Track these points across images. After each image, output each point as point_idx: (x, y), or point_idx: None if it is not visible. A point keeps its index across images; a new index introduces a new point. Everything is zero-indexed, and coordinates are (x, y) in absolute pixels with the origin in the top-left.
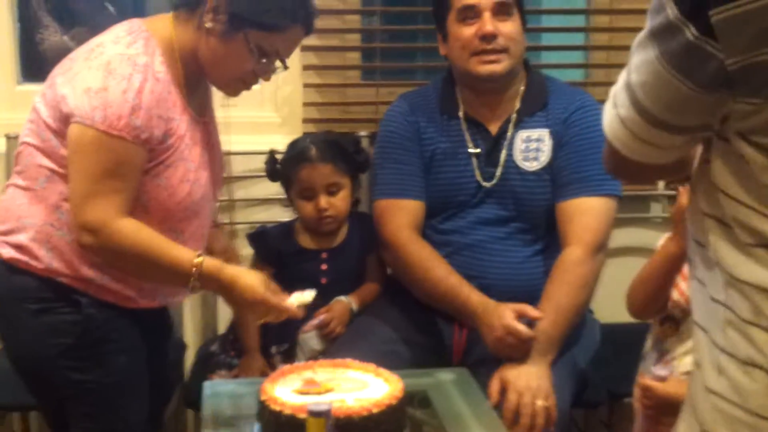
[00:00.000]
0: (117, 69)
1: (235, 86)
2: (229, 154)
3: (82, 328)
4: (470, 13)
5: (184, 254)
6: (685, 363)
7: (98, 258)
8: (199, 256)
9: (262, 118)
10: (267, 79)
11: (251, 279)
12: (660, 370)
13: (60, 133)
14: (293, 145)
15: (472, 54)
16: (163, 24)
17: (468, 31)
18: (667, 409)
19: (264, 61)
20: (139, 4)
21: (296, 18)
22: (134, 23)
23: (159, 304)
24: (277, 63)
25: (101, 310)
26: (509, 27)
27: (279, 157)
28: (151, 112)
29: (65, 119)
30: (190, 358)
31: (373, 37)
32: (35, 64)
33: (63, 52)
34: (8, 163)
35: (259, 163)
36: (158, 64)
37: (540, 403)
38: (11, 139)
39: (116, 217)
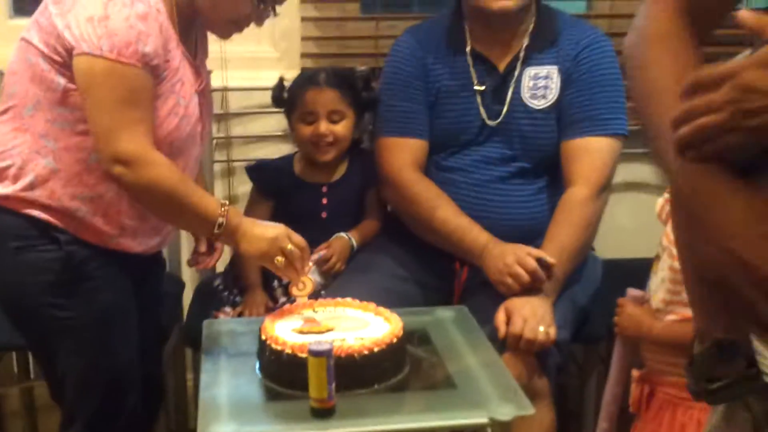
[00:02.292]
0: None
1: (228, 28)
2: (227, 90)
3: (62, 265)
4: None
5: (212, 199)
6: (656, 299)
7: (128, 191)
8: (225, 204)
9: (259, 53)
10: (259, 24)
11: (277, 229)
12: (635, 292)
13: (54, 59)
14: (304, 71)
15: None
16: None
17: None
18: (629, 329)
19: (261, 7)
20: None
21: None
22: None
23: (140, 247)
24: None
25: (82, 247)
26: None
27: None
28: (154, 39)
29: (67, 48)
30: (188, 295)
31: None
32: None
33: None
34: None
35: (257, 99)
36: None
37: (543, 328)
38: (1, 75)
39: (149, 147)
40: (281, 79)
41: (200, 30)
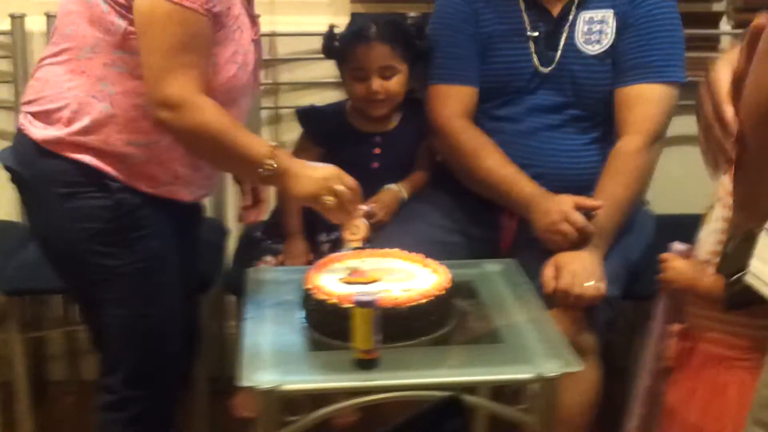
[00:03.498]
0: None
1: None
2: (275, 35)
3: (111, 213)
4: None
5: (260, 140)
6: (705, 250)
7: (174, 135)
8: (275, 146)
9: None
10: None
11: (327, 169)
12: (679, 246)
13: (113, 0)
14: (353, 22)
15: None
16: None
17: None
18: (675, 283)
19: None
20: None
21: None
22: None
23: (192, 196)
24: None
25: (132, 195)
26: None
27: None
28: None
29: None
30: (232, 243)
31: None
32: None
33: None
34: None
35: (306, 45)
36: None
37: (592, 283)
38: (52, 17)
39: (196, 92)
40: (331, 29)
41: None
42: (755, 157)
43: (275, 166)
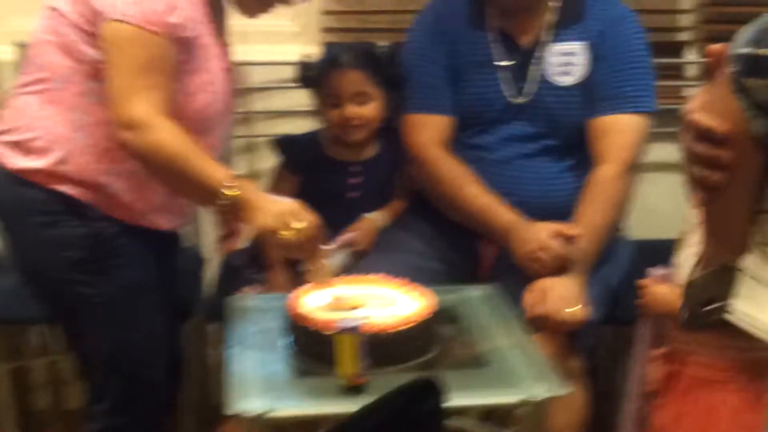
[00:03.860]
0: None
1: (255, 7)
2: (246, 64)
3: (90, 241)
4: None
5: (220, 169)
6: (684, 271)
7: (134, 157)
8: (234, 176)
9: (279, 27)
10: (289, 3)
11: (287, 204)
12: (657, 270)
13: (83, 29)
14: (327, 51)
15: None
16: None
17: None
18: (655, 308)
19: None
20: None
21: None
22: None
23: (169, 224)
24: None
25: (110, 224)
26: None
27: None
28: (185, 12)
29: (95, 15)
30: (210, 271)
31: None
32: None
33: None
34: (19, 72)
35: (277, 73)
36: None
37: (573, 308)
38: (21, 47)
39: (157, 113)
40: (307, 57)
41: (225, 7)
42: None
43: (233, 195)
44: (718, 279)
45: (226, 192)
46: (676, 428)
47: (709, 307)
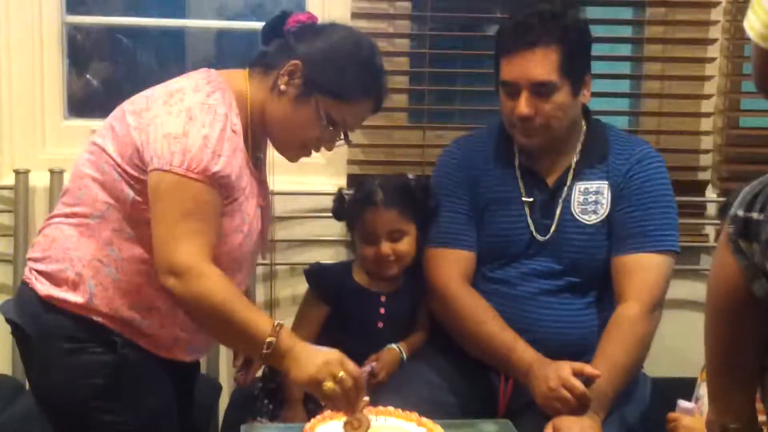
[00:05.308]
0: (198, 116)
1: (297, 151)
2: (273, 194)
3: (115, 369)
4: (509, 89)
5: (264, 317)
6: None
7: (179, 304)
8: (278, 325)
9: (306, 159)
10: (329, 148)
11: (330, 354)
12: (686, 404)
13: (126, 171)
14: (361, 187)
15: (510, 126)
16: (238, 79)
17: (509, 104)
18: None
19: (331, 129)
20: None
21: (369, 92)
22: (212, 74)
23: (191, 356)
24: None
25: (135, 351)
26: (549, 107)
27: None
28: (228, 160)
29: (143, 162)
30: (224, 400)
31: (421, 77)
32: (81, 100)
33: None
34: (51, 198)
35: (302, 203)
36: (234, 116)
37: None
38: (55, 173)
39: (203, 260)
40: (340, 192)
41: (265, 143)
42: (714, 347)
43: (276, 345)
44: None
45: (270, 341)
46: None
47: None
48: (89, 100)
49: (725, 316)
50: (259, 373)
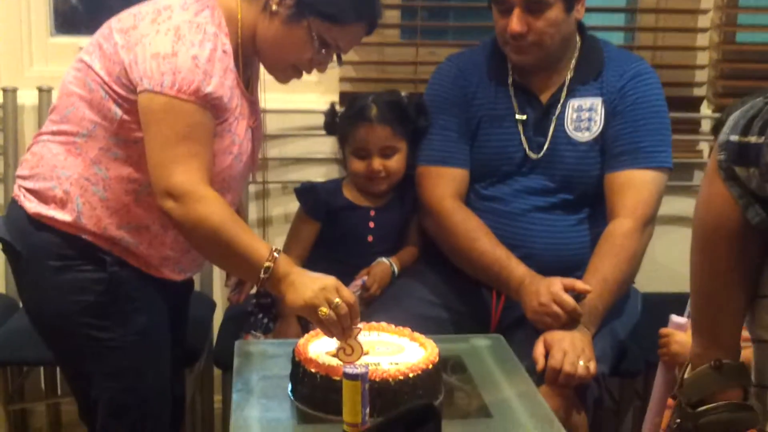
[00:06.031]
0: (186, 35)
1: (287, 73)
2: (264, 112)
3: (105, 286)
4: (501, 6)
5: (262, 243)
6: None
7: (177, 227)
8: (276, 250)
9: None
10: (321, 70)
11: (326, 279)
12: (679, 319)
13: (114, 90)
14: (354, 102)
15: (503, 43)
16: None
17: (501, 21)
18: (680, 356)
19: (323, 51)
20: None
21: (361, 15)
22: None
23: (180, 276)
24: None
25: (124, 269)
26: (541, 23)
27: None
28: (220, 81)
29: (131, 82)
30: (219, 313)
31: None
32: (68, 17)
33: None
34: (40, 116)
35: (293, 121)
36: (223, 35)
37: (583, 362)
38: (43, 91)
39: (200, 183)
40: (332, 106)
41: (256, 64)
42: (702, 279)
43: (273, 271)
44: (707, 379)
45: (267, 266)
46: None
47: (700, 409)
48: (76, 16)
49: (716, 248)
50: (253, 290)
